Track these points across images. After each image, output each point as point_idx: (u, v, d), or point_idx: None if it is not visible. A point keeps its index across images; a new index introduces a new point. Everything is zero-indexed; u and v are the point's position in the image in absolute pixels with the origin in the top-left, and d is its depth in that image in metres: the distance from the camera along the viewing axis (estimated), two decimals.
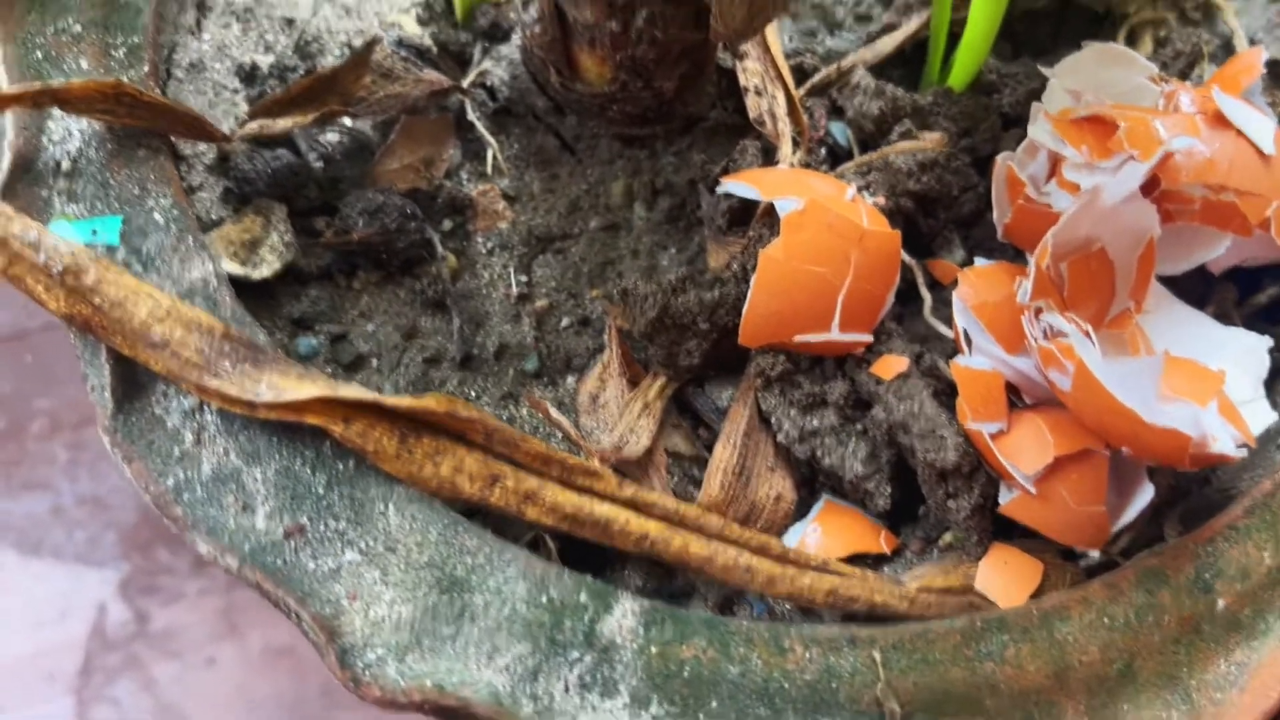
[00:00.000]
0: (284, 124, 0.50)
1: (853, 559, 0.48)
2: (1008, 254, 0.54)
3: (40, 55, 0.48)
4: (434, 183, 0.54)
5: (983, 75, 0.55)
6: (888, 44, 0.57)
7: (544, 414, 0.48)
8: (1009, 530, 0.47)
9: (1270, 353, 0.49)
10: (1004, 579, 0.46)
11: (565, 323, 0.53)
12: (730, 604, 0.47)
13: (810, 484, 0.51)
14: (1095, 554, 0.47)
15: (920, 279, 0.51)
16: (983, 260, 0.51)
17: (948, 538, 0.49)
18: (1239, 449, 0.43)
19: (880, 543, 0.49)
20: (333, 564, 0.40)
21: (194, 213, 0.49)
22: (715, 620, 0.41)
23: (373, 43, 0.52)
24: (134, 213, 0.45)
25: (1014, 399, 0.48)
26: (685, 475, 0.50)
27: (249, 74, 0.54)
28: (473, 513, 0.44)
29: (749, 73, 0.55)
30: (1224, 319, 0.51)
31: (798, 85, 0.56)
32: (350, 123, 0.54)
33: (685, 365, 0.50)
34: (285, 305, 0.50)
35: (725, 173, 0.54)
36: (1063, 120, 0.49)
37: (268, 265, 0.48)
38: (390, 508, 0.42)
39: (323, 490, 0.41)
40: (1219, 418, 0.45)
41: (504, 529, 0.45)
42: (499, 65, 0.57)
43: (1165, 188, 0.49)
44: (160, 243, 0.45)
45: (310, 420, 0.41)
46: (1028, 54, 0.60)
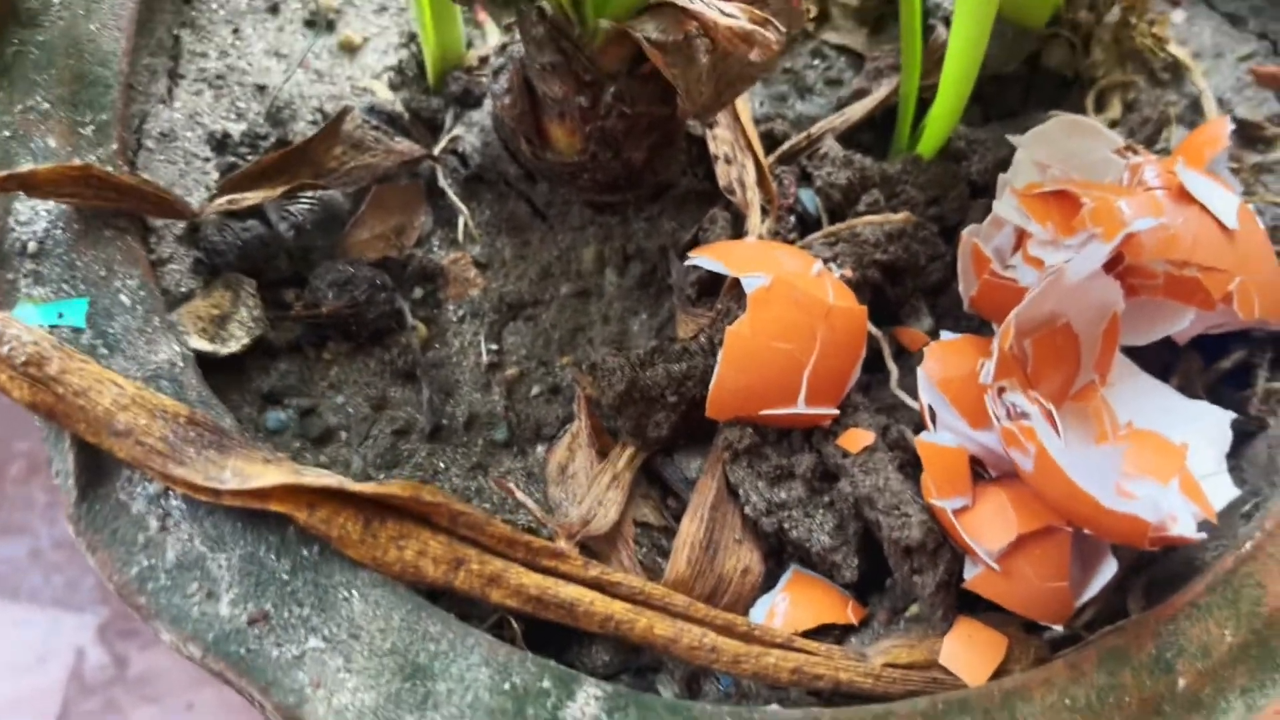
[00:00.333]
0: (254, 198, 0.50)
1: (821, 629, 0.49)
2: (974, 324, 0.54)
3: (8, 134, 0.48)
4: (405, 251, 0.54)
5: (952, 142, 0.56)
6: (857, 110, 0.57)
7: (509, 494, 0.48)
8: (975, 602, 0.48)
9: (1234, 423, 0.50)
10: (968, 654, 0.46)
11: (535, 391, 0.53)
12: (697, 679, 0.47)
13: (779, 554, 0.51)
14: (1058, 629, 0.47)
15: (887, 350, 0.52)
16: (948, 333, 0.51)
17: (914, 609, 0.49)
18: (1199, 530, 0.44)
19: (848, 614, 0.49)
20: (296, 651, 0.40)
21: (163, 286, 0.49)
22: (679, 705, 0.41)
23: (343, 113, 0.52)
24: (100, 294, 0.45)
25: (980, 471, 0.49)
26: (654, 545, 0.50)
27: (220, 142, 0.54)
28: (437, 595, 0.44)
29: (719, 140, 0.55)
30: (1188, 389, 0.52)
31: (768, 152, 0.57)
32: (323, 192, 0.54)
33: (654, 436, 0.50)
34: (254, 379, 0.50)
35: (695, 240, 0.54)
36: (1029, 195, 0.50)
37: (236, 341, 0.49)
38: (354, 593, 0.42)
39: (287, 576, 0.42)
40: (1180, 495, 0.46)
41: (469, 610, 0.45)
42: (471, 131, 0.57)
43: (1129, 263, 0.49)
44: (126, 324, 0.45)
45: (275, 507, 0.41)
46: (997, 118, 0.60)
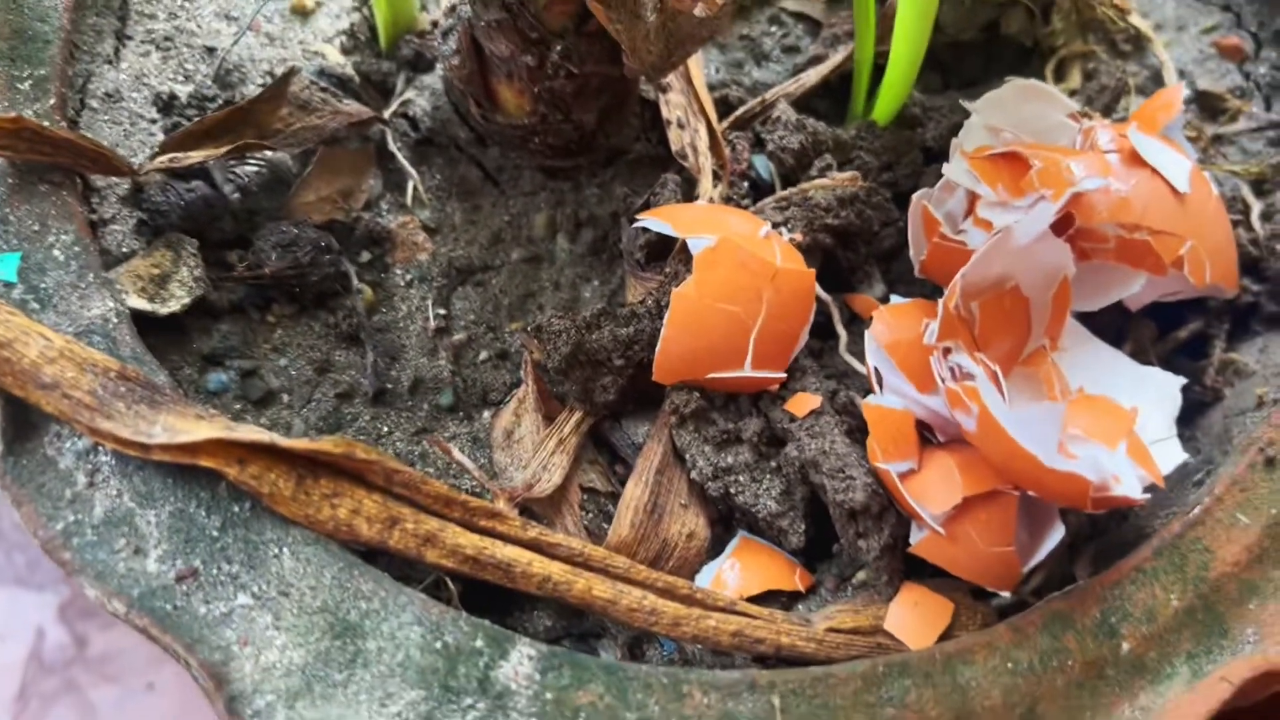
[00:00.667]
0: (196, 157, 0.49)
1: (768, 596, 0.48)
2: (927, 289, 0.54)
3: None
4: (352, 214, 0.53)
5: (907, 108, 0.55)
6: (813, 76, 0.57)
7: (448, 455, 0.47)
8: (922, 569, 0.47)
9: (1186, 390, 0.49)
10: (913, 619, 0.46)
11: (483, 356, 0.53)
12: (640, 645, 0.47)
13: (727, 520, 0.50)
14: (1006, 594, 0.46)
15: (836, 315, 0.51)
16: (898, 298, 0.50)
17: (861, 576, 0.49)
18: (1145, 492, 0.43)
19: (795, 580, 0.49)
20: (224, 609, 0.40)
21: (102, 247, 0.48)
22: (614, 666, 0.41)
23: (290, 74, 0.52)
24: (33, 249, 0.45)
25: (927, 436, 0.48)
26: (600, 512, 0.50)
27: (166, 104, 0.53)
28: (373, 556, 0.43)
29: (672, 105, 0.55)
30: (1140, 356, 0.51)
31: (722, 118, 0.56)
32: (269, 153, 0.53)
33: (601, 401, 0.50)
34: (195, 340, 0.49)
35: (647, 206, 0.54)
36: (979, 158, 0.49)
37: (176, 300, 0.48)
38: (285, 551, 0.41)
39: (217, 533, 0.41)
40: (1127, 459, 0.45)
41: (407, 572, 0.44)
42: (422, 95, 0.56)
43: (1080, 226, 0.49)
44: (60, 279, 0.44)
45: (205, 462, 0.41)
46: (956, 86, 0.60)
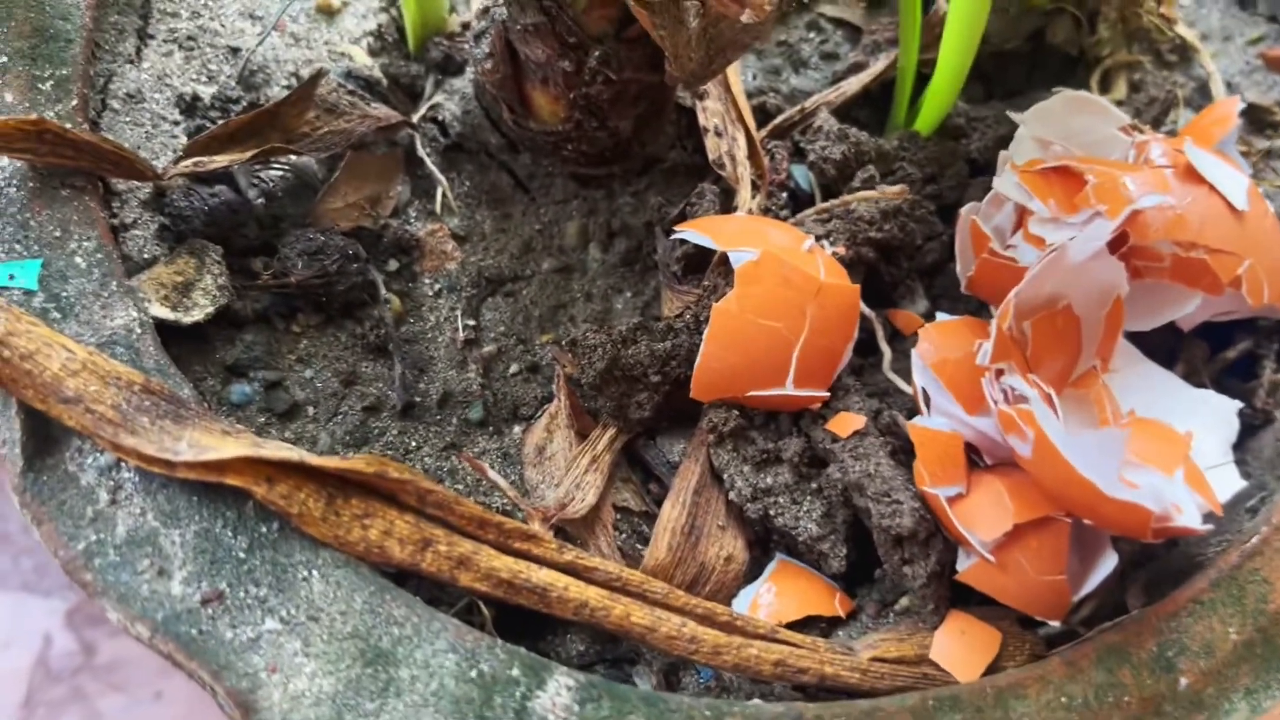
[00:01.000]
0: (221, 161, 0.48)
1: (806, 621, 0.46)
2: (971, 305, 0.52)
3: None
4: (380, 221, 0.52)
5: (951, 119, 0.54)
6: (853, 85, 0.55)
7: (481, 473, 0.46)
8: (968, 595, 0.45)
9: (1239, 413, 0.48)
10: (960, 649, 0.44)
11: (513, 369, 0.51)
12: (676, 671, 0.45)
13: (764, 542, 0.49)
14: (1056, 624, 0.45)
15: (880, 332, 0.50)
16: (945, 315, 0.49)
17: (904, 602, 0.47)
18: (1204, 522, 0.42)
19: (835, 605, 0.47)
20: (252, 634, 0.38)
21: (123, 253, 0.47)
22: (654, 697, 0.39)
23: (317, 76, 0.50)
24: (54, 256, 0.43)
25: (974, 459, 0.47)
26: (634, 532, 0.48)
27: (189, 105, 0.52)
28: (404, 578, 0.42)
29: (709, 113, 0.53)
30: (1193, 377, 0.50)
31: (760, 126, 0.55)
32: (295, 158, 0.52)
33: (636, 418, 0.48)
34: (219, 350, 0.48)
35: (683, 216, 0.52)
36: (1030, 172, 0.48)
37: (200, 309, 0.46)
38: (314, 574, 0.39)
39: (244, 554, 0.39)
40: (1185, 486, 0.44)
41: (438, 594, 0.43)
42: (451, 99, 0.55)
43: (1134, 243, 0.47)
44: (81, 288, 0.43)
45: (232, 481, 0.39)
46: (999, 96, 0.58)
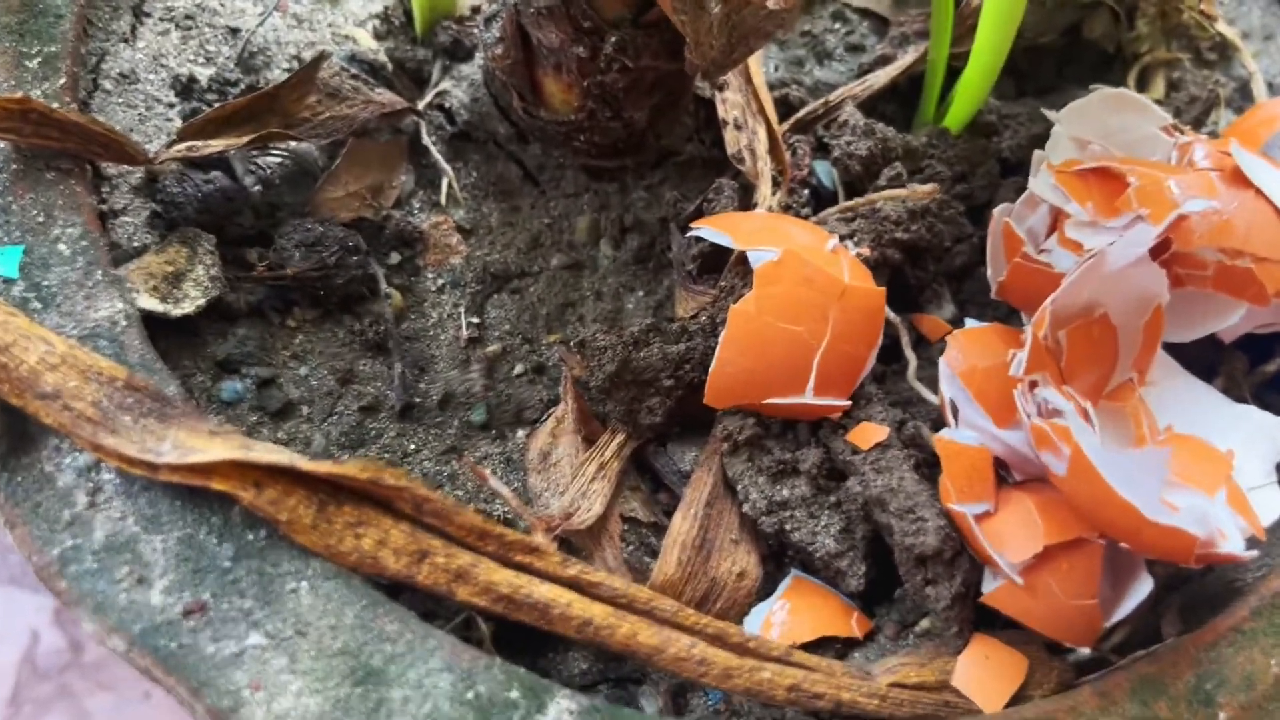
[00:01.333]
0: (216, 146, 0.45)
1: (821, 642, 0.44)
2: (1000, 312, 0.50)
3: None
4: (381, 212, 0.49)
5: (982, 115, 0.51)
6: (880, 78, 0.53)
7: (482, 479, 0.43)
8: (992, 618, 0.43)
9: None
10: (984, 676, 0.42)
11: (518, 370, 0.49)
12: (684, 693, 0.43)
13: (778, 556, 0.46)
14: (1085, 651, 0.42)
15: (905, 338, 0.47)
16: (973, 321, 0.46)
17: (925, 624, 0.45)
18: (1249, 548, 0.39)
19: (852, 625, 0.45)
20: (235, 648, 0.36)
21: (111, 240, 0.45)
22: None
23: (319, 59, 0.48)
24: (36, 243, 0.41)
25: (1003, 474, 0.44)
26: (642, 544, 0.46)
27: (186, 87, 0.50)
28: (398, 590, 0.39)
29: (729, 105, 0.51)
30: (1233, 391, 0.47)
31: (782, 119, 0.52)
32: (294, 144, 0.49)
33: (646, 423, 0.46)
34: (210, 344, 0.45)
35: (699, 212, 0.50)
36: (1067, 172, 0.45)
37: (190, 301, 0.44)
38: (303, 585, 0.37)
39: (229, 563, 0.37)
40: (1227, 508, 0.41)
41: (434, 608, 0.40)
42: (459, 86, 0.52)
43: (1176, 250, 0.45)
44: (64, 277, 0.41)
45: (218, 486, 0.37)
46: (1031, 93, 0.56)
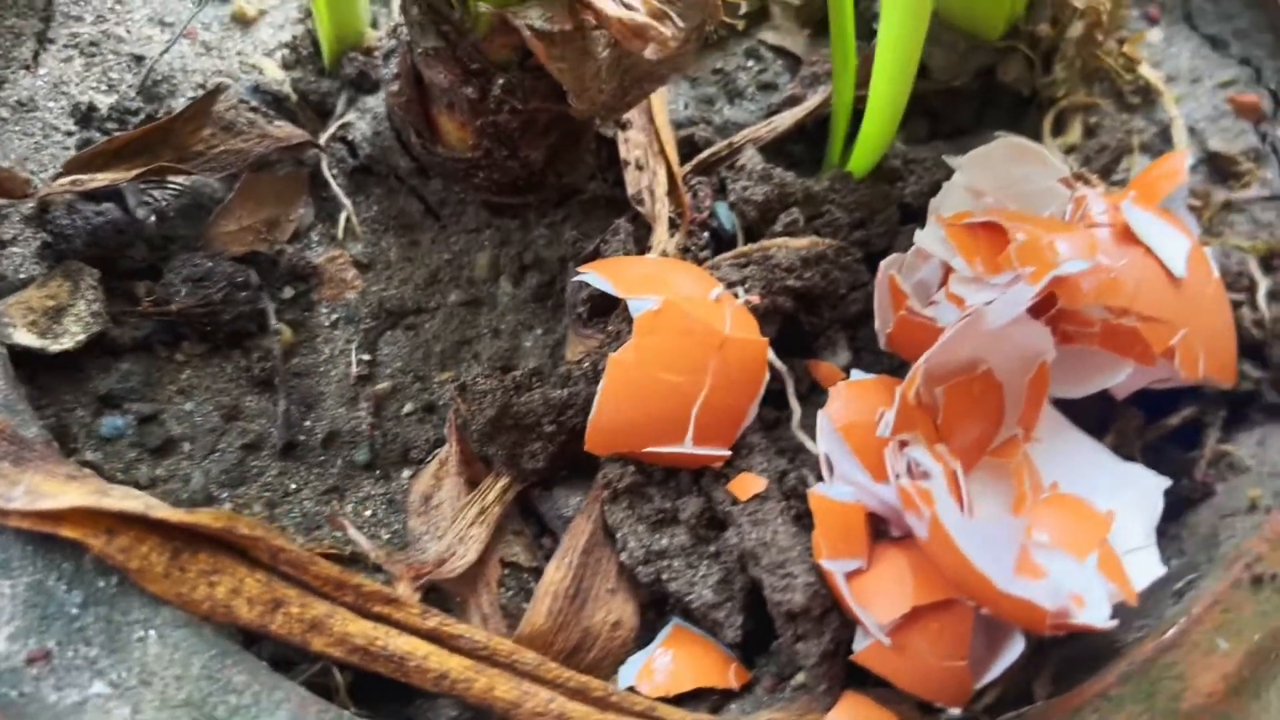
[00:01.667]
0: (102, 180, 0.45)
1: (699, 692, 0.44)
2: (896, 361, 0.49)
3: None
4: (276, 246, 0.49)
5: (887, 160, 0.51)
6: (786, 120, 0.52)
7: (341, 529, 0.43)
8: (867, 675, 0.43)
9: (1174, 484, 0.45)
10: None
11: (408, 409, 0.48)
12: None
13: (660, 604, 0.46)
14: (955, 712, 0.42)
15: (790, 388, 0.47)
16: (859, 373, 0.46)
17: (801, 677, 0.44)
18: (1110, 619, 0.39)
19: (729, 677, 0.44)
20: (77, 697, 0.36)
21: (0, 272, 0.44)
22: None
23: (215, 92, 0.48)
24: None
25: (882, 529, 0.44)
26: (521, 589, 0.46)
27: (85, 115, 0.50)
28: (255, 640, 0.39)
29: (631, 144, 0.50)
30: (1123, 449, 0.47)
31: (686, 160, 0.52)
32: (191, 177, 0.49)
33: (529, 468, 0.46)
34: (93, 379, 0.45)
35: (597, 253, 0.50)
36: (956, 225, 0.45)
37: (70, 337, 0.44)
38: (151, 634, 0.37)
39: (77, 610, 0.37)
40: (1097, 573, 0.41)
41: (294, 656, 0.40)
42: (364, 118, 0.52)
43: (1063, 307, 0.44)
44: None
45: (67, 533, 0.37)
46: (947, 134, 0.55)
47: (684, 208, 0.50)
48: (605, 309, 0.47)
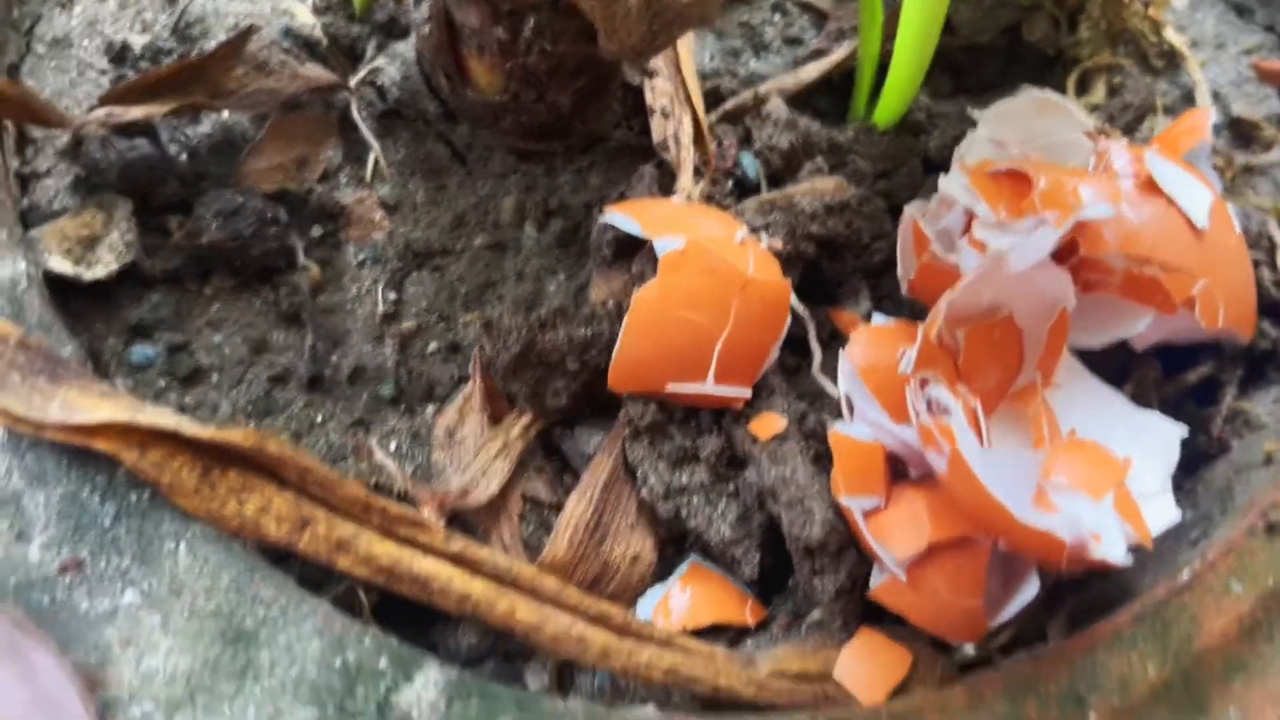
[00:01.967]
0: (137, 113, 0.46)
1: (716, 629, 0.44)
2: (918, 309, 0.50)
3: None
4: (305, 185, 0.50)
5: (911, 113, 0.51)
6: (812, 72, 0.53)
7: (368, 454, 0.44)
8: (882, 613, 0.43)
9: (1190, 440, 0.45)
10: (866, 669, 0.42)
11: (433, 347, 0.49)
12: (570, 672, 0.43)
13: (680, 541, 0.47)
14: (969, 649, 0.43)
15: (812, 332, 0.47)
16: (881, 317, 0.46)
17: (816, 614, 0.45)
18: (1127, 555, 0.39)
19: (745, 614, 0.45)
20: (109, 606, 0.37)
21: (34, 201, 0.45)
22: (528, 699, 0.37)
23: (248, 32, 0.48)
24: None
25: (900, 470, 0.44)
26: (542, 524, 0.46)
27: (119, 54, 0.50)
28: (285, 559, 0.40)
29: (658, 92, 0.51)
30: (1142, 399, 0.47)
31: (712, 109, 0.52)
32: (226, 115, 0.50)
33: (553, 406, 0.46)
34: (125, 309, 0.46)
35: (622, 199, 0.50)
36: (980, 173, 0.45)
37: (104, 266, 0.45)
38: (182, 547, 0.38)
39: (110, 522, 0.38)
40: (1114, 514, 0.41)
41: (322, 578, 0.41)
42: (393, 63, 0.53)
43: (1085, 255, 0.45)
44: None
45: (101, 446, 0.37)
46: (972, 90, 0.56)
47: (709, 155, 0.50)
48: (630, 251, 0.48)
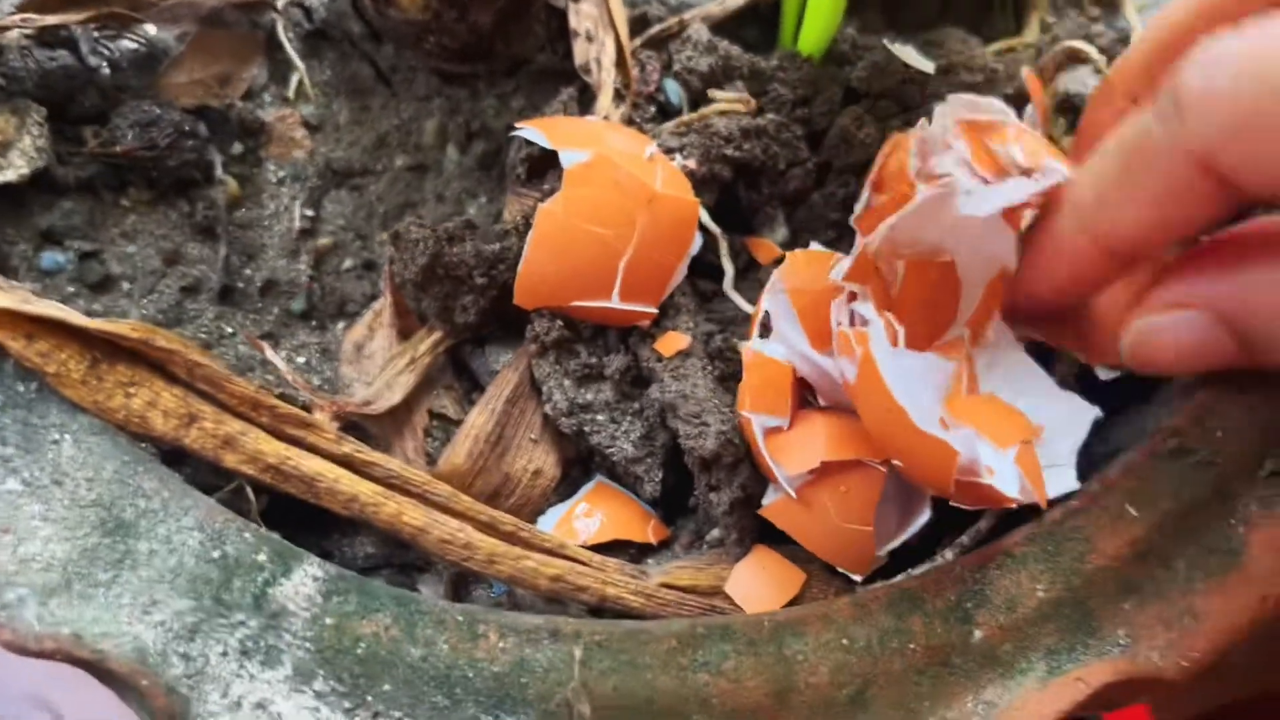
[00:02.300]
0: (53, 20, 0.46)
1: (617, 546, 0.45)
2: (830, 238, 0.49)
3: None
4: (226, 101, 0.50)
5: (838, 44, 0.51)
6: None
7: (260, 351, 0.44)
8: (782, 537, 0.43)
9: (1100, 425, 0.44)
10: (758, 586, 0.42)
11: (347, 265, 0.49)
12: (467, 583, 0.43)
13: (587, 463, 0.47)
14: (858, 578, 0.42)
15: (724, 249, 0.47)
16: (818, 246, 0.46)
17: (716, 533, 0.45)
18: (1020, 493, 0.39)
19: (648, 532, 0.45)
20: None
21: None
22: (406, 597, 0.37)
23: None
24: None
25: (809, 399, 0.44)
26: (448, 440, 0.46)
27: None
28: (178, 459, 0.40)
29: (581, 15, 0.51)
30: (1065, 382, 0.46)
31: (638, 35, 0.52)
32: (150, 30, 0.50)
33: (461, 322, 0.46)
34: (36, 215, 0.46)
35: None
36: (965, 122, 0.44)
37: (14, 170, 0.45)
38: (67, 438, 0.38)
39: None
40: (1013, 465, 0.40)
41: (214, 481, 0.41)
42: None
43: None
44: None
45: None
46: (901, 29, 0.55)
47: (630, 79, 0.50)
48: (543, 170, 0.47)
